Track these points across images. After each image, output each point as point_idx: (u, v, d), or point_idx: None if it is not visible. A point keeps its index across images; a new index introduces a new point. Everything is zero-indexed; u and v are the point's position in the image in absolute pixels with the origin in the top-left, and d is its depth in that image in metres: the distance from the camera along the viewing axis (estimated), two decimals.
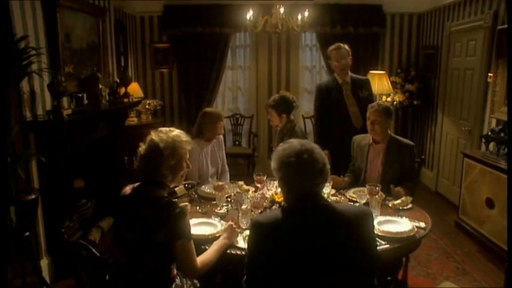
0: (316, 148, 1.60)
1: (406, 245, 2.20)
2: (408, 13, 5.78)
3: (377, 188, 2.51)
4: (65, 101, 3.29)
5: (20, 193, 2.63)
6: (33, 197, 2.62)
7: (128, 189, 1.92)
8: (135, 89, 5.13)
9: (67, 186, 3.22)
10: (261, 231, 1.55)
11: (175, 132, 1.93)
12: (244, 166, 5.91)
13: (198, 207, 2.63)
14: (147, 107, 5.45)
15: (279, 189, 2.63)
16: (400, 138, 3.07)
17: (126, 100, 4.23)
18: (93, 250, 1.80)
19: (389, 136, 3.02)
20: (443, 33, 5.10)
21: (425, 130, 5.73)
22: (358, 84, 3.62)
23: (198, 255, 1.89)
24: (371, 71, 5.34)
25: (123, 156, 4.23)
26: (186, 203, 2.40)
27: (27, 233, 2.65)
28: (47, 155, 2.98)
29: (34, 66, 2.85)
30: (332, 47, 3.61)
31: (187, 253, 1.82)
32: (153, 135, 1.87)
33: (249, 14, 4.22)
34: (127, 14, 5.50)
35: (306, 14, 4.21)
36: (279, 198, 2.47)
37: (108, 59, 4.34)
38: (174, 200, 2.66)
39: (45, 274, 3.02)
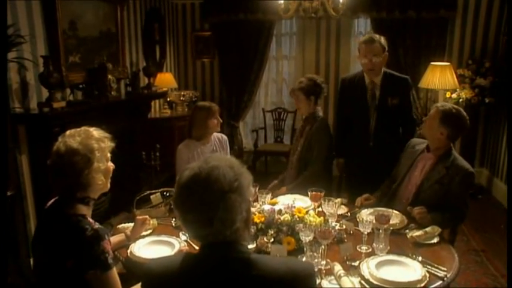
0: (228, 166, 1.11)
1: None
2: None
3: (387, 216, 1.94)
4: (67, 92, 3.14)
5: None
6: (9, 194, 2.47)
7: (50, 202, 1.63)
8: (168, 79, 4.92)
9: None
10: (149, 281, 1.14)
11: (93, 131, 1.57)
12: (285, 164, 5.44)
13: (173, 220, 2.28)
14: (181, 98, 5.23)
15: (266, 206, 2.19)
16: (459, 158, 2.35)
17: (147, 91, 4.05)
18: None
19: (447, 149, 2.35)
20: None
21: (500, 134, 4.72)
22: (390, 87, 2.80)
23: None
24: (432, 63, 4.51)
25: (142, 150, 4.04)
26: (146, 217, 2.05)
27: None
28: (39, 149, 2.86)
29: (27, 55, 2.70)
30: (362, 38, 2.86)
31: (105, 287, 1.47)
32: (71, 142, 1.50)
33: None
34: (167, 1, 5.30)
35: None
36: (259, 218, 2.00)
37: (131, 49, 4.16)
38: (149, 209, 2.39)
39: None
